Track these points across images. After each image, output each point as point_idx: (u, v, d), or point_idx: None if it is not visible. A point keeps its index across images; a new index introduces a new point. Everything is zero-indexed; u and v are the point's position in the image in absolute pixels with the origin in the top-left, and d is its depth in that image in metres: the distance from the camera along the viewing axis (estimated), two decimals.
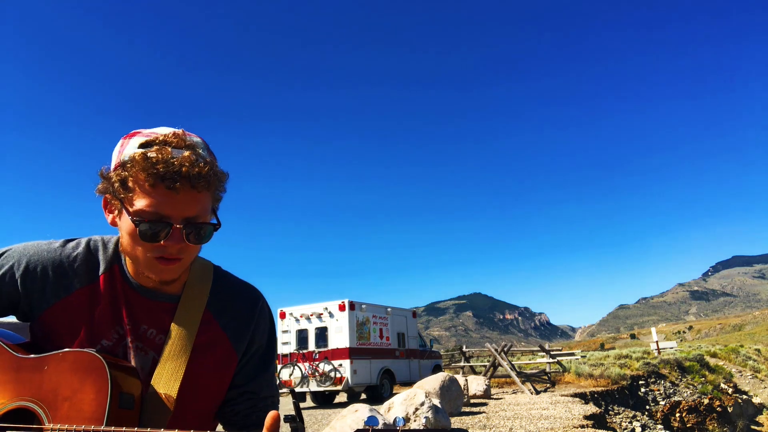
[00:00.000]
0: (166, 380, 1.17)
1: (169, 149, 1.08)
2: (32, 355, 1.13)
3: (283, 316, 16.78)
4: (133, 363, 1.19)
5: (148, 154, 1.06)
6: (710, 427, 15.93)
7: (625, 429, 12.19)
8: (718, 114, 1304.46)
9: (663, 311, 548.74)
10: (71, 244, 1.24)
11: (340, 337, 15.52)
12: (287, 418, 0.93)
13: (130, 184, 1.09)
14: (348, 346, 15.32)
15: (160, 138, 1.10)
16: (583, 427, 8.39)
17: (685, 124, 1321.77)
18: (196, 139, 1.15)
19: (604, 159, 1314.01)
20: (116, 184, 1.10)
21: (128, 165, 1.08)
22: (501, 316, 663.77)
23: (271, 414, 0.96)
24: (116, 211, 1.15)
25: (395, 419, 0.89)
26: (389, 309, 17.77)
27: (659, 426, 13.57)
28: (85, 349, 1.10)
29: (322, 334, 15.89)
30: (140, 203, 1.08)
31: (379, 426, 0.85)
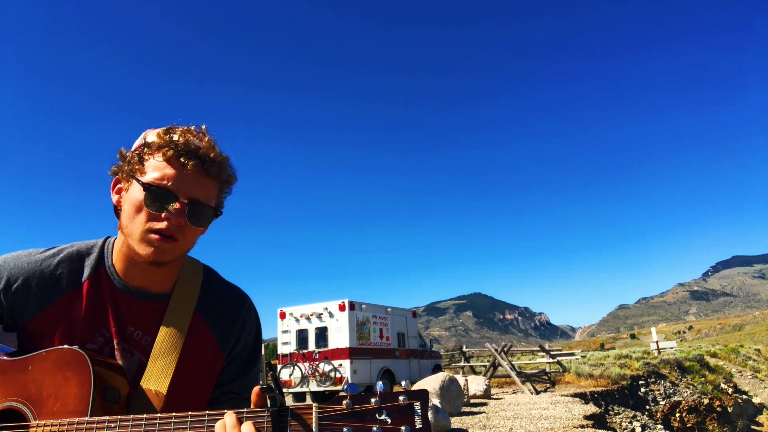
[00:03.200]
0: (156, 377, 1.19)
1: (191, 136, 1.18)
2: (16, 357, 1.15)
3: (283, 316, 16.79)
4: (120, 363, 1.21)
5: (171, 135, 1.17)
6: (710, 427, 15.92)
7: (625, 429, 12.19)
8: (718, 114, 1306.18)
9: (663, 311, 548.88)
10: (52, 252, 1.25)
11: (340, 337, 15.53)
12: (264, 389, 0.94)
13: (146, 157, 1.17)
14: (348, 346, 15.33)
15: (185, 128, 1.21)
16: (583, 427, 8.39)
17: (685, 124, 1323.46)
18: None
19: (604, 159, 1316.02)
20: (133, 159, 1.18)
21: (149, 142, 1.18)
22: (501, 316, 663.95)
23: (255, 389, 0.97)
24: (125, 189, 1.20)
25: (376, 383, 0.94)
26: (389, 309, 17.78)
27: (659, 426, 13.56)
28: (67, 346, 1.12)
29: (322, 334, 15.90)
30: (152, 175, 1.15)
31: (358, 392, 0.92)
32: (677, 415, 15.42)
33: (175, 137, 1.16)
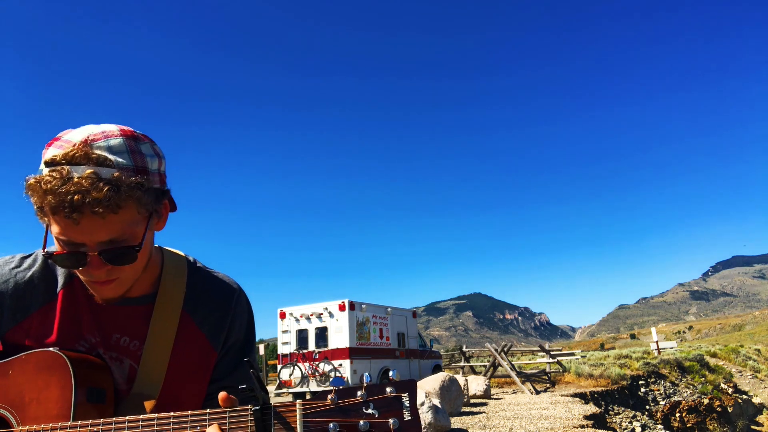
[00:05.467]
0: (148, 382, 1.16)
1: (67, 169, 0.98)
2: None
3: (283, 316, 16.80)
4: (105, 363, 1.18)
5: (43, 180, 0.98)
6: (710, 427, 15.93)
7: (625, 429, 12.19)
8: (718, 113, 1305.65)
9: (663, 311, 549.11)
10: (27, 262, 1.20)
11: (340, 337, 15.54)
12: (245, 389, 0.92)
13: (41, 208, 1.02)
14: (348, 346, 15.34)
15: (61, 155, 1.01)
16: (583, 427, 8.40)
17: (686, 123, 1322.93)
18: (115, 141, 1.04)
19: (603, 158, 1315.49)
20: (35, 208, 1.04)
21: (28, 192, 1.01)
22: (501, 316, 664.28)
23: (221, 394, 0.94)
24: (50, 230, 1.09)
25: (362, 375, 0.92)
26: (389, 309, 17.79)
27: (659, 426, 13.57)
28: (47, 349, 1.09)
29: (322, 334, 15.91)
30: (54, 230, 1.03)
31: (345, 385, 0.91)
32: (677, 415, 15.43)
33: (46, 182, 0.98)
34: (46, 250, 1.07)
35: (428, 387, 10.01)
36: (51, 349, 1.09)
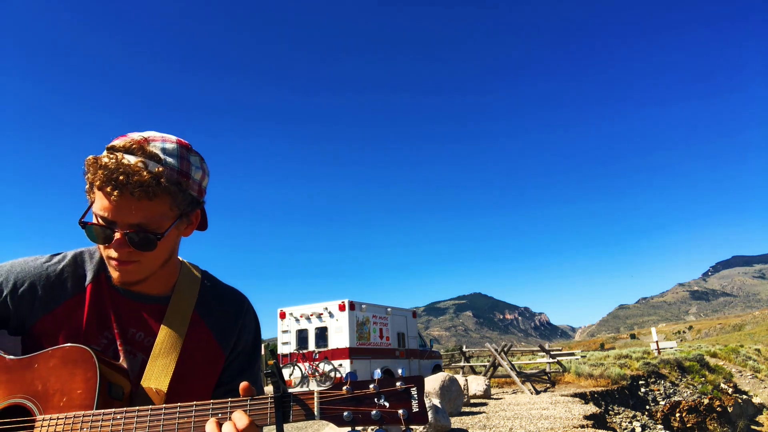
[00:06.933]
0: (157, 376, 1.22)
1: (122, 155, 1.13)
2: (21, 357, 1.18)
3: (283, 316, 16.79)
4: (123, 365, 1.24)
5: (100, 160, 1.14)
6: (710, 427, 15.92)
7: (625, 429, 12.18)
8: (718, 114, 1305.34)
9: (663, 311, 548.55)
10: (57, 258, 1.30)
11: (340, 337, 15.53)
12: (267, 374, 0.99)
13: (92, 185, 1.17)
14: (348, 346, 15.34)
15: (121, 144, 1.16)
16: (583, 427, 8.39)
17: (686, 123, 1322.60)
18: (170, 145, 1.19)
19: (604, 159, 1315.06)
20: (87, 186, 1.19)
21: (86, 168, 1.16)
22: (501, 316, 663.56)
23: (242, 384, 1.02)
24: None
25: (373, 372, 1.00)
26: (389, 309, 17.78)
27: (659, 426, 13.56)
28: (73, 344, 1.15)
29: (322, 334, 15.90)
30: (95, 207, 1.16)
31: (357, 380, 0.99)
32: (677, 415, 15.42)
33: (103, 161, 1.12)
34: (83, 220, 1.17)
35: (428, 387, 10.00)
36: (78, 345, 1.15)
